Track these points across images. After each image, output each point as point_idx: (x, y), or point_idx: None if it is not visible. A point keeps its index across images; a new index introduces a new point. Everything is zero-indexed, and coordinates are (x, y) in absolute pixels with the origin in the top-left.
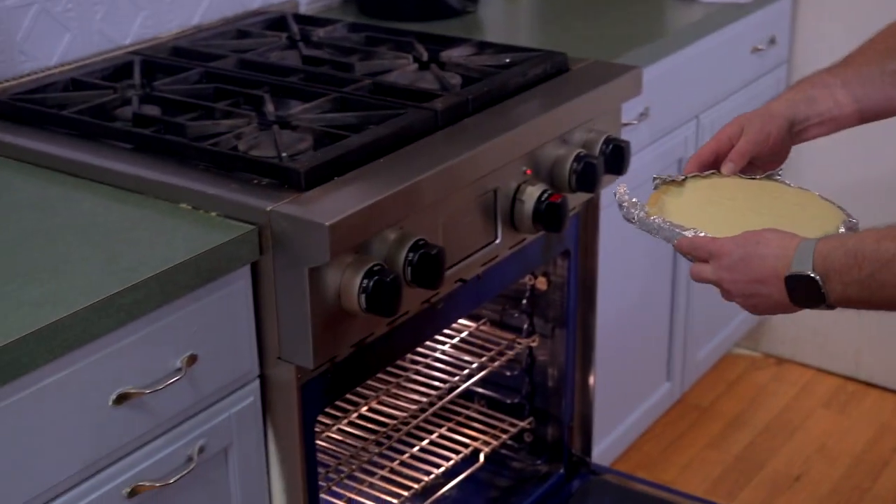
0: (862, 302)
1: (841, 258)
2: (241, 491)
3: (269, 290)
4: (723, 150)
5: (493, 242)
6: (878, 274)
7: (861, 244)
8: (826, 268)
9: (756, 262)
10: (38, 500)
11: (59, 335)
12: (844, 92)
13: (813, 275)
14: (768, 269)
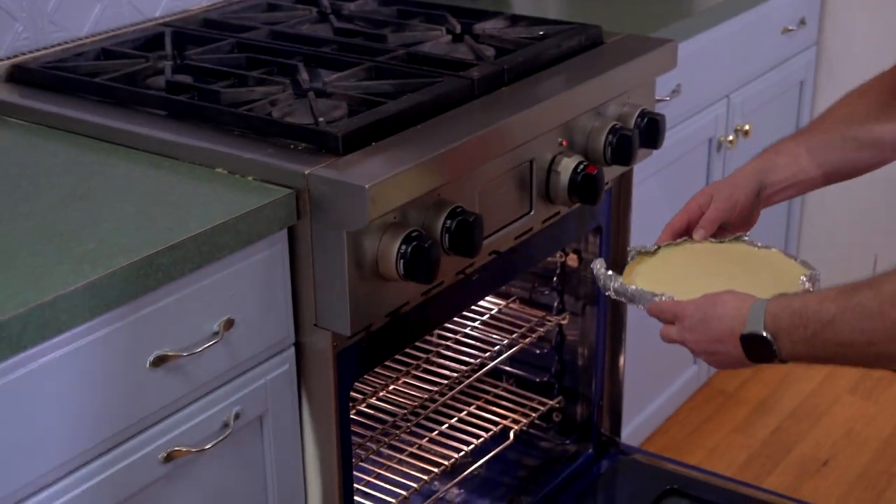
0: (810, 358)
1: (788, 318)
2: (276, 459)
3: (306, 256)
4: (694, 219)
5: (528, 214)
6: (820, 333)
7: (805, 306)
8: (776, 327)
9: (714, 322)
10: (73, 463)
11: (99, 294)
12: (809, 158)
13: (765, 334)
14: (725, 329)
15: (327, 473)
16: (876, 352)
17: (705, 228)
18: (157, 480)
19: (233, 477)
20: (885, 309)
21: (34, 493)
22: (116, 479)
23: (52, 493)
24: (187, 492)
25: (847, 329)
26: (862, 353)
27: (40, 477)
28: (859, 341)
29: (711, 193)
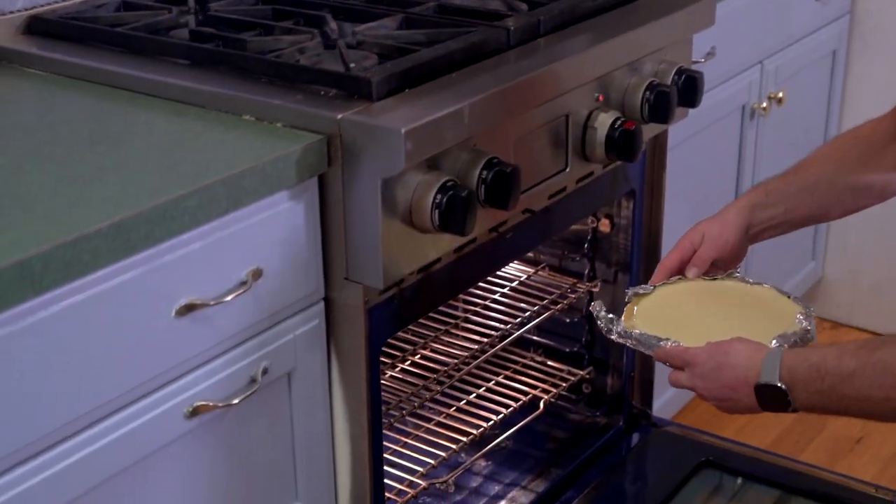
0: (825, 409)
1: (805, 371)
2: (304, 418)
3: (337, 206)
4: (686, 257)
5: (563, 171)
6: (838, 387)
7: (823, 360)
8: (792, 378)
9: (727, 371)
10: (95, 414)
11: (123, 235)
12: (795, 200)
13: (780, 385)
14: (738, 378)
15: (357, 434)
16: (892, 407)
17: (698, 267)
18: (182, 436)
19: (259, 436)
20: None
21: (53, 445)
22: (139, 433)
23: (72, 446)
24: (212, 450)
25: (866, 384)
26: (878, 408)
27: (60, 428)
28: (877, 396)
29: (703, 232)
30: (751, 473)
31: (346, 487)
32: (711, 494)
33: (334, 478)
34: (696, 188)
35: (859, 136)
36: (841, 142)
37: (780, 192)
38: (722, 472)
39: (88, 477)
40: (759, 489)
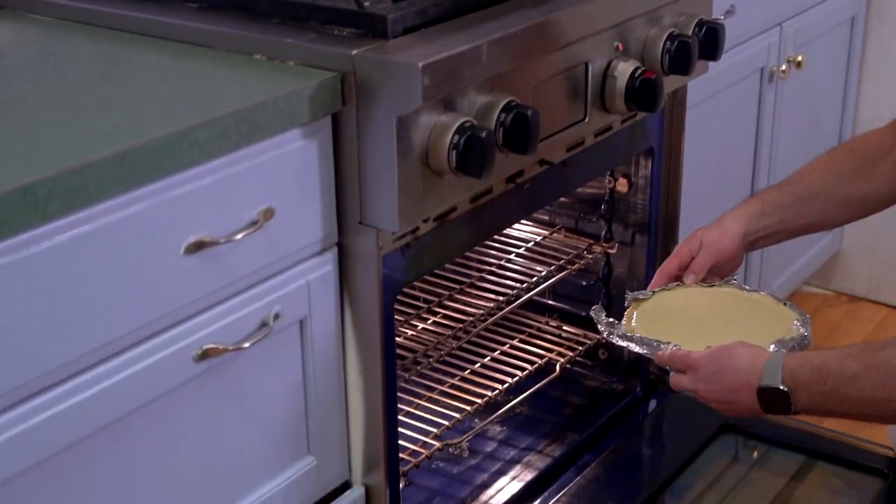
0: (826, 412)
1: (807, 373)
2: (316, 368)
3: (351, 147)
4: (684, 263)
5: (582, 122)
6: (840, 388)
7: (826, 361)
8: (794, 381)
9: (729, 374)
10: (101, 353)
11: (130, 164)
12: (792, 210)
13: (783, 388)
14: (741, 381)
15: (370, 388)
16: (894, 408)
17: (696, 273)
18: (191, 381)
19: (270, 385)
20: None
21: (58, 382)
22: (147, 374)
23: (77, 384)
24: (223, 397)
25: (869, 385)
26: (880, 409)
27: (64, 365)
28: (880, 397)
29: (700, 239)
30: (774, 439)
31: (359, 443)
32: (733, 460)
33: (347, 432)
34: (714, 151)
35: (856, 148)
36: (838, 153)
37: (776, 202)
38: (743, 438)
39: (94, 417)
40: (783, 454)
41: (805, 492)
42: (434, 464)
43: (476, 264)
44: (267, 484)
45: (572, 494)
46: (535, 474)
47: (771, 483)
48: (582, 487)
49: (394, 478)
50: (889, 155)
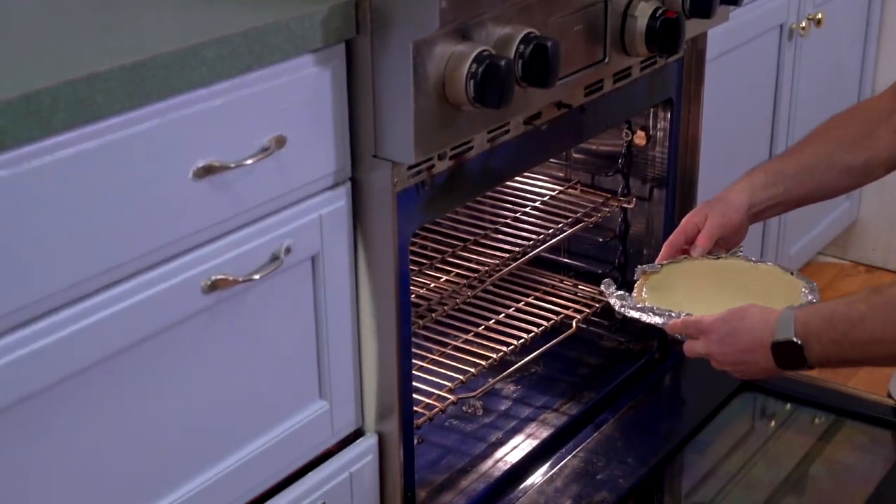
0: (840, 360)
1: (818, 323)
2: (329, 308)
3: (366, 79)
4: (691, 235)
5: (601, 62)
6: (850, 333)
7: (835, 309)
8: (806, 332)
9: (743, 334)
10: (104, 278)
11: (138, 79)
12: (795, 180)
13: (796, 340)
14: (755, 339)
15: (384, 330)
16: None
17: (702, 245)
18: (199, 313)
19: (281, 322)
20: None
21: (59, 307)
22: (153, 303)
23: (79, 311)
24: (232, 332)
25: (878, 326)
26: (890, 349)
27: (65, 289)
28: (889, 337)
29: (706, 212)
30: (800, 397)
31: (372, 389)
32: (757, 419)
33: (360, 377)
34: (733, 107)
35: (855, 115)
36: (838, 121)
37: (779, 172)
38: (763, 396)
39: (98, 346)
40: (810, 413)
41: (832, 449)
42: (448, 421)
43: (490, 217)
44: (277, 427)
45: (590, 451)
46: (550, 432)
47: (798, 441)
48: (600, 444)
49: (407, 426)
50: (888, 120)
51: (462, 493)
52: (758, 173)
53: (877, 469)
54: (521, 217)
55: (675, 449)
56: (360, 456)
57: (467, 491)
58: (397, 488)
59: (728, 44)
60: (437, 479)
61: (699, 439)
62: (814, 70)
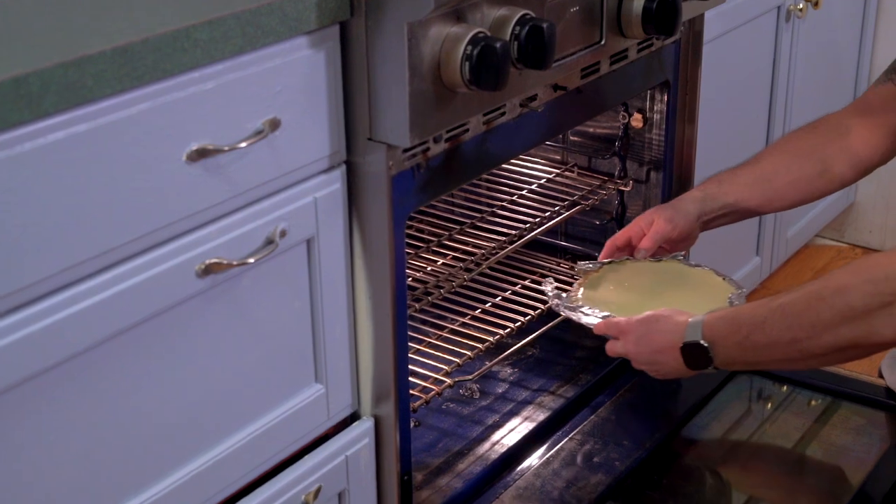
0: (744, 362)
1: (724, 326)
2: (324, 292)
3: (361, 62)
4: (635, 237)
5: (598, 44)
6: (752, 336)
7: (740, 312)
8: (712, 335)
9: (656, 336)
10: (97, 263)
11: (129, 62)
12: (749, 190)
13: (703, 342)
14: (666, 342)
15: (380, 313)
16: (799, 349)
17: (645, 248)
18: (193, 297)
19: (276, 306)
20: (811, 304)
21: (49, 293)
22: (146, 288)
23: (74, 294)
24: (226, 316)
25: (776, 329)
26: (787, 351)
27: (56, 274)
28: (785, 339)
29: (653, 217)
30: (796, 380)
31: (368, 372)
32: (754, 401)
33: (356, 361)
34: (730, 89)
35: (817, 128)
36: (798, 134)
37: (732, 182)
38: (763, 379)
39: (91, 331)
40: (806, 395)
41: (828, 431)
42: (444, 404)
43: (487, 200)
44: (273, 411)
45: (586, 433)
46: (547, 414)
47: (794, 423)
48: (596, 426)
49: (404, 409)
50: (846, 136)
51: (458, 476)
52: (712, 182)
53: (873, 451)
54: (518, 200)
55: (672, 431)
56: (356, 439)
57: (464, 474)
58: (393, 471)
59: (725, 25)
60: (434, 462)
61: (696, 422)
62: (811, 52)
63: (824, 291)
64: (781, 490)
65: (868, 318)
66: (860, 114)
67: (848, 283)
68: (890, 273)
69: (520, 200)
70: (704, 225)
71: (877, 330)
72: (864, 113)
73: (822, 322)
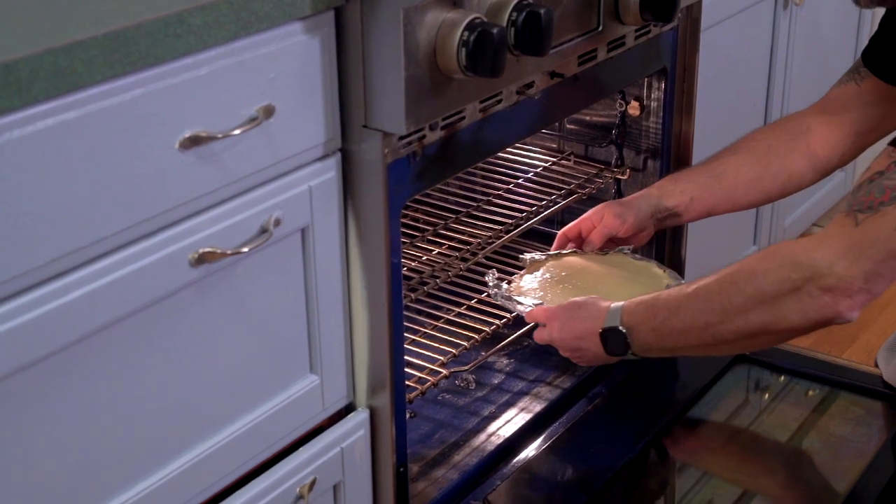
0: (660, 348)
1: (642, 312)
2: (319, 282)
3: (356, 48)
4: (586, 230)
5: (595, 31)
6: (668, 321)
7: (657, 298)
8: (630, 321)
9: (578, 323)
10: (88, 252)
11: (121, 47)
12: (703, 188)
13: (621, 328)
14: (587, 328)
15: (375, 303)
16: (712, 333)
17: (594, 241)
18: (187, 287)
19: (271, 296)
20: (724, 288)
21: (40, 282)
22: (139, 277)
23: (63, 286)
24: (220, 306)
25: (690, 314)
26: (701, 338)
27: (47, 264)
28: (699, 324)
29: (603, 212)
30: (795, 370)
31: (363, 363)
32: (752, 391)
33: (351, 352)
34: (728, 76)
35: (776, 127)
36: (757, 133)
37: (688, 180)
38: (761, 369)
39: (83, 321)
40: (804, 385)
41: (827, 421)
42: (440, 395)
43: (483, 189)
44: (268, 402)
45: (583, 424)
46: (544, 405)
47: (792, 413)
48: (593, 417)
49: (399, 400)
50: (806, 135)
51: (455, 468)
52: (668, 180)
53: (872, 441)
54: (514, 189)
55: (669, 422)
56: (351, 431)
57: (460, 465)
58: (389, 463)
59: (723, 12)
60: (430, 453)
61: (693, 412)
62: (809, 39)
63: (737, 276)
64: (780, 480)
65: (777, 303)
66: (821, 113)
67: (759, 268)
68: (801, 260)
69: (516, 189)
70: (659, 223)
71: (785, 316)
72: (825, 112)
73: (733, 306)
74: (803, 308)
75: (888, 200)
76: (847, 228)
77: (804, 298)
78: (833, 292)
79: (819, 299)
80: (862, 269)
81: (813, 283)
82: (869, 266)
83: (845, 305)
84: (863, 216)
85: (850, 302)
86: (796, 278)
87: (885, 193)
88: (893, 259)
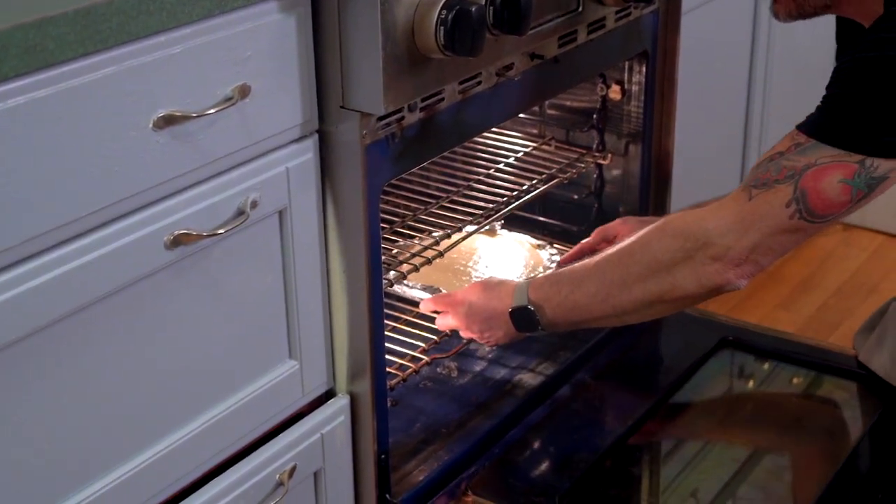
0: (568, 322)
1: (548, 288)
2: (297, 265)
3: (332, 25)
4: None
5: (575, 12)
6: (572, 295)
7: (562, 273)
8: (537, 297)
9: (485, 303)
10: (60, 234)
11: (92, 24)
12: None
13: (529, 306)
14: (496, 308)
15: (355, 287)
16: (613, 304)
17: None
18: (162, 269)
19: (248, 280)
20: (622, 259)
21: (14, 263)
22: (113, 259)
23: (34, 268)
24: (197, 290)
25: (592, 286)
26: (603, 309)
27: (17, 246)
28: (601, 296)
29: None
30: (779, 354)
31: (343, 348)
32: (736, 376)
33: (331, 336)
34: (709, 61)
35: None
36: None
37: None
38: (746, 354)
39: (54, 305)
40: (789, 370)
41: (812, 405)
42: (422, 383)
43: (462, 175)
44: (246, 387)
45: (566, 410)
46: (526, 392)
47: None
48: (577, 403)
49: (380, 387)
50: None
51: (437, 455)
52: None
53: (856, 425)
54: (494, 174)
55: (653, 408)
56: (331, 417)
57: (442, 453)
58: (370, 450)
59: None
60: (412, 441)
61: (677, 398)
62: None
63: (634, 247)
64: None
65: (672, 271)
66: None
67: (654, 239)
68: (693, 230)
69: (496, 174)
70: None
71: (680, 283)
72: None
73: (631, 276)
74: (696, 275)
75: (783, 179)
76: (740, 202)
77: (696, 266)
78: (722, 261)
79: (709, 266)
80: (750, 241)
81: (703, 252)
82: (756, 238)
83: (733, 274)
84: (756, 191)
85: (737, 271)
86: (689, 247)
87: (780, 172)
88: (781, 234)
